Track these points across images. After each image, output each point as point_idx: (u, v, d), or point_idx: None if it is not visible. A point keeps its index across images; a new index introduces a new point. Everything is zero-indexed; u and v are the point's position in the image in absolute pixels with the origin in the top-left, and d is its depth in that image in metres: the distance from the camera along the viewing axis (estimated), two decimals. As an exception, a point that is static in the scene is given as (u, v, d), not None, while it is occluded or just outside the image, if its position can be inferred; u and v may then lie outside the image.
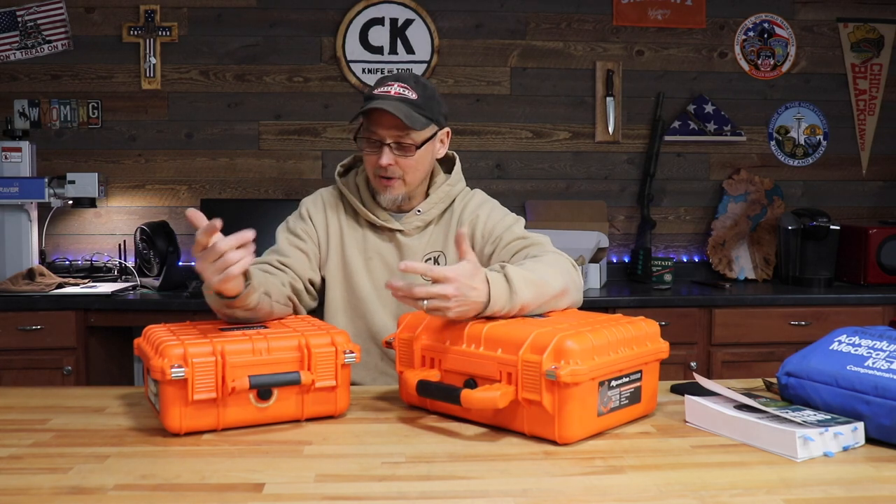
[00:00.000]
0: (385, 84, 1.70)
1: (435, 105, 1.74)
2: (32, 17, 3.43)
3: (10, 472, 1.13)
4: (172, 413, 1.27)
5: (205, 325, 1.46)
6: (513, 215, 1.82)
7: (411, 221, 1.78)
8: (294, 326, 1.44)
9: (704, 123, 3.71)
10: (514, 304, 1.39)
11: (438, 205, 1.79)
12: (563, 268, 1.57)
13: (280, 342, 1.35)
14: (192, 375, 1.26)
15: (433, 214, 1.79)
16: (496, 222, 1.78)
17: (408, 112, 1.66)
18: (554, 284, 1.48)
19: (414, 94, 1.69)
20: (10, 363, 2.88)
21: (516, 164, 3.68)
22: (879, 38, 3.79)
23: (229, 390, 1.28)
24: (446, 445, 1.26)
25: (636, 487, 1.08)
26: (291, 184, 3.59)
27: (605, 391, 1.29)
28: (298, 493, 1.06)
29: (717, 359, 3.13)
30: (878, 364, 1.26)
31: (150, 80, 3.50)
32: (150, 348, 1.33)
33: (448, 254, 1.78)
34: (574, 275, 1.59)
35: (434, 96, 1.75)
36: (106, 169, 3.49)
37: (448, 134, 1.82)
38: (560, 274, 1.53)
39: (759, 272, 3.62)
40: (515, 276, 1.40)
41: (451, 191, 1.81)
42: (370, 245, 1.78)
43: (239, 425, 1.33)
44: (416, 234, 1.79)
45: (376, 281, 1.77)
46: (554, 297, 1.48)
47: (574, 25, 3.67)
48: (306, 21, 3.57)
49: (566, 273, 1.55)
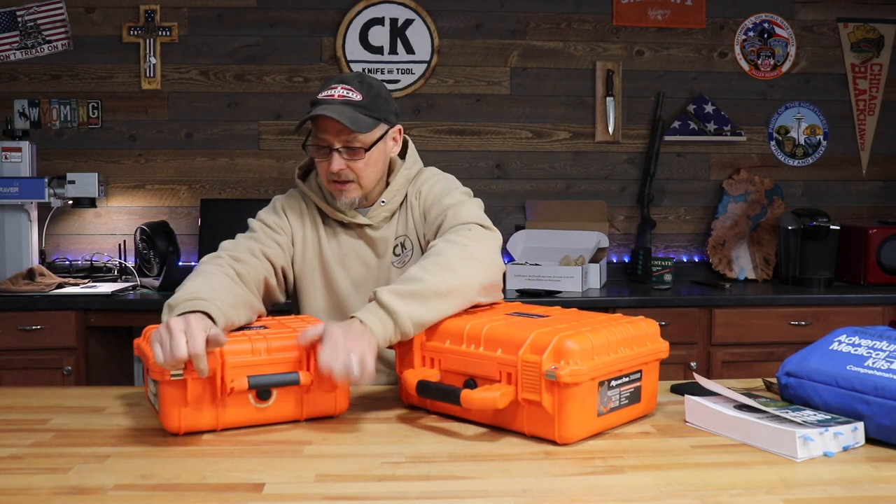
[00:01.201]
0: (329, 87, 1.68)
1: (382, 104, 1.70)
2: (32, 17, 3.43)
3: (10, 472, 1.13)
4: (172, 413, 1.28)
5: None
6: (453, 187, 1.75)
7: (378, 214, 1.75)
8: (294, 326, 1.44)
9: (704, 123, 3.71)
10: (400, 324, 1.37)
11: (400, 192, 1.77)
12: (462, 252, 1.50)
13: (279, 342, 1.35)
14: (190, 376, 1.26)
15: (398, 201, 1.77)
16: (434, 198, 1.73)
17: (352, 115, 1.62)
18: (442, 283, 1.42)
19: (358, 96, 1.65)
20: (10, 363, 2.88)
21: (516, 164, 3.68)
22: (879, 38, 3.79)
23: (228, 391, 1.28)
24: (446, 445, 1.26)
25: (636, 487, 1.08)
26: (291, 184, 3.54)
27: (605, 391, 1.29)
28: (298, 493, 1.06)
29: (717, 359, 3.13)
30: (878, 364, 1.26)
31: (150, 80, 3.50)
32: (150, 349, 1.33)
33: (410, 236, 1.76)
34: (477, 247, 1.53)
35: (381, 94, 1.70)
36: (106, 169, 3.49)
37: (400, 131, 1.78)
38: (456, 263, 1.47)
39: (759, 272, 3.62)
40: (390, 300, 1.38)
41: (409, 174, 1.78)
42: (343, 242, 1.77)
43: (238, 425, 1.33)
44: (384, 226, 1.77)
45: (354, 278, 1.77)
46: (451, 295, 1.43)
47: (574, 25, 3.67)
48: (306, 21, 3.57)
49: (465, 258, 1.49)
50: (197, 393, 1.28)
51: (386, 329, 1.37)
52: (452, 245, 1.53)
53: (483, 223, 1.63)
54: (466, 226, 1.61)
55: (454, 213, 1.66)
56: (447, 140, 3.58)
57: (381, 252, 1.76)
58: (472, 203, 1.70)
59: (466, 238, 1.56)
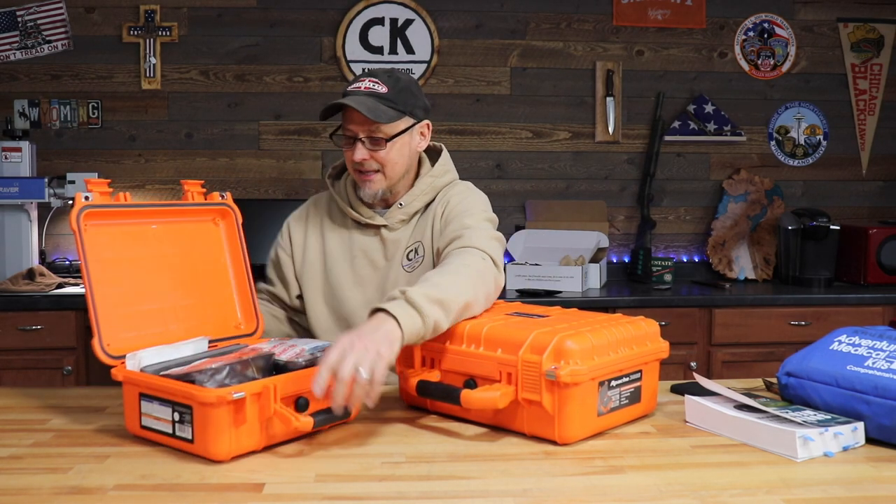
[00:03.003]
0: (358, 80, 1.71)
1: (409, 98, 1.71)
2: (32, 17, 3.43)
3: (10, 472, 1.13)
4: (221, 439, 1.17)
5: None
6: (480, 208, 1.74)
7: (395, 215, 1.77)
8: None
9: (704, 123, 3.71)
10: (426, 326, 1.32)
11: (421, 197, 1.77)
12: (470, 271, 1.50)
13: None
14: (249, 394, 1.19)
15: (416, 207, 1.77)
16: (457, 213, 1.72)
17: (373, 106, 1.64)
18: (460, 296, 1.40)
19: (384, 88, 1.67)
20: (10, 363, 2.88)
21: (516, 164, 3.68)
22: (879, 38, 3.79)
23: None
24: (446, 445, 1.26)
25: (636, 487, 1.09)
26: (291, 184, 3.59)
27: (605, 391, 1.29)
28: (298, 493, 1.06)
29: (717, 359, 3.13)
30: (878, 364, 1.26)
31: (150, 80, 3.50)
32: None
33: (425, 243, 1.76)
34: (487, 278, 1.53)
35: (408, 89, 1.72)
36: (106, 169, 3.49)
37: (428, 126, 1.79)
38: (467, 280, 1.46)
39: (759, 272, 3.62)
40: (417, 297, 1.33)
41: (435, 182, 1.79)
42: (355, 244, 1.79)
43: (278, 442, 1.26)
44: (400, 228, 1.78)
45: (357, 277, 1.78)
46: (462, 307, 1.41)
47: (574, 25, 3.67)
48: (306, 21, 3.57)
49: (475, 278, 1.49)
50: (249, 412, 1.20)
51: (415, 325, 1.30)
52: (471, 268, 1.52)
53: (496, 261, 1.60)
54: (482, 254, 1.58)
55: (473, 234, 1.63)
56: (447, 140, 3.58)
57: (391, 255, 1.77)
58: (493, 235, 1.67)
59: (481, 266, 1.55)
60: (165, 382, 1.22)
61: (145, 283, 1.42)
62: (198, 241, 1.54)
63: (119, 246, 1.39)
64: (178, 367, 1.28)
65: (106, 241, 1.37)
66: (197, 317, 1.48)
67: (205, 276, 1.52)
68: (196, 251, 1.53)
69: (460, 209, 1.72)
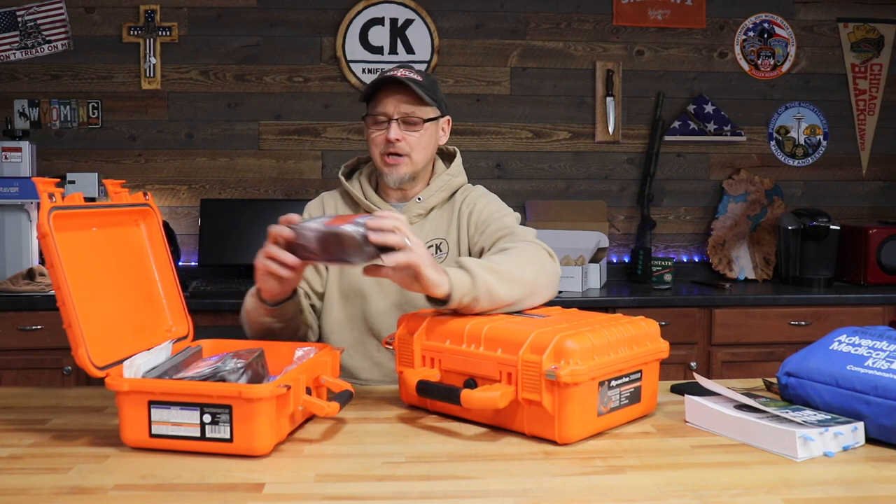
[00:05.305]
0: (391, 70, 1.77)
1: (437, 91, 1.81)
2: (32, 17, 3.43)
3: (10, 472, 1.13)
4: (263, 433, 1.19)
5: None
6: (508, 210, 1.84)
7: (412, 209, 1.81)
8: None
9: (704, 123, 3.71)
10: (477, 287, 1.39)
11: (438, 193, 1.82)
12: (530, 257, 1.57)
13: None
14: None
15: (434, 202, 1.82)
16: (490, 213, 1.79)
17: (416, 86, 1.72)
18: (517, 273, 1.48)
19: (419, 77, 1.76)
20: (10, 363, 2.88)
21: (516, 164, 3.68)
22: (879, 38, 3.79)
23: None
24: (446, 445, 1.26)
25: (636, 487, 1.08)
26: (291, 184, 3.59)
27: (605, 391, 1.29)
28: (298, 493, 1.06)
29: (717, 359, 3.13)
30: (878, 364, 1.26)
31: (150, 80, 3.50)
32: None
33: (450, 241, 1.81)
34: (546, 265, 1.59)
35: (436, 83, 1.84)
36: (106, 169, 3.49)
37: (449, 122, 1.87)
38: (527, 264, 1.53)
39: (759, 272, 3.62)
40: (471, 263, 1.42)
41: (452, 181, 1.85)
42: None
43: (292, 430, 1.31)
44: (417, 222, 1.81)
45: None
46: (521, 285, 1.47)
47: (574, 25, 3.67)
48: (306, 21, 3.57)
49: (535, 262, 1.55)
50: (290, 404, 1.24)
51: (463, 282, 1.38)
52: (528, 252, 1.58)
53: (551, 252, 1.65)
54: (537, 245, 1.64)
55: (520, 231, 1.71)
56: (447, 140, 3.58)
57: None
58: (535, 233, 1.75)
59: (538, 253, 1.60)
60: (195, 386, 1.21)
61: (96, 289, 1.34)
62: (126, 243, 1.48)
63: (74, 250, 1.29)
64: (186, 372, 1.29)
65: (64, 245, 1.25)
66: (139, 322, 1.43)
67: (137, 280, 1.47)
68: (125, 254, 1.47)
69: (490, 210, 1.80)
